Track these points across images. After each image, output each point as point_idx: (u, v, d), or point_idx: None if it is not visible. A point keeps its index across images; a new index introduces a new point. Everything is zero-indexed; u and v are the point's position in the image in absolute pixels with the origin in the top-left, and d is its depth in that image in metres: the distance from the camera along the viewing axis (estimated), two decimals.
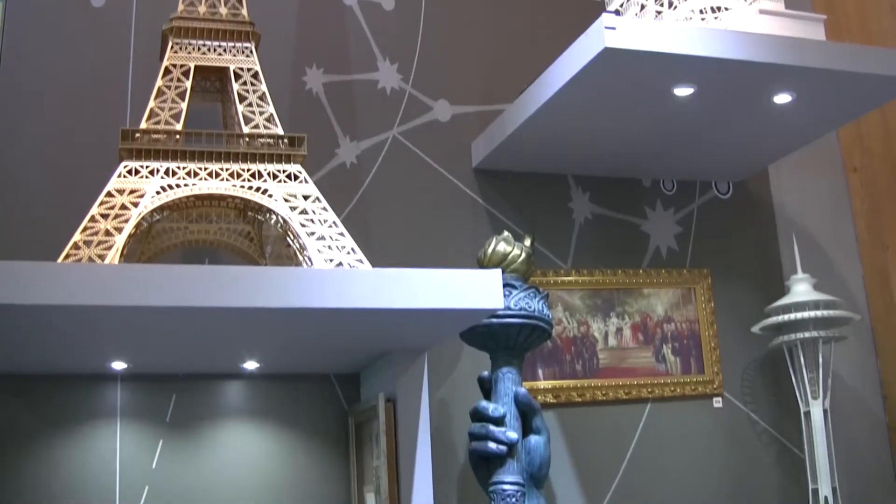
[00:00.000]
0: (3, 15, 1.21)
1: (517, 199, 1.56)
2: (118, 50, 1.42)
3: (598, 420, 1.51)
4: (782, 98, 1.33)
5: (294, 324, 0.99)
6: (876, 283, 1.73)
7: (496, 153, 1.48)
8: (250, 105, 1.24)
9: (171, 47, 1.24)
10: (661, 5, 1.35)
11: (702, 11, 1.31)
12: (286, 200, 1.18)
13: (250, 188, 1.18)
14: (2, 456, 1.22)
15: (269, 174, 1.20)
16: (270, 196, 1.18)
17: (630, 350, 1.55)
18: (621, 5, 1.41)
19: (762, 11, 1.28)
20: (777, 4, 1.30)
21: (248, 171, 1.19)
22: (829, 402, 1.47)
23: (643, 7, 1.37)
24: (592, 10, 1.40)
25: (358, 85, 1.53)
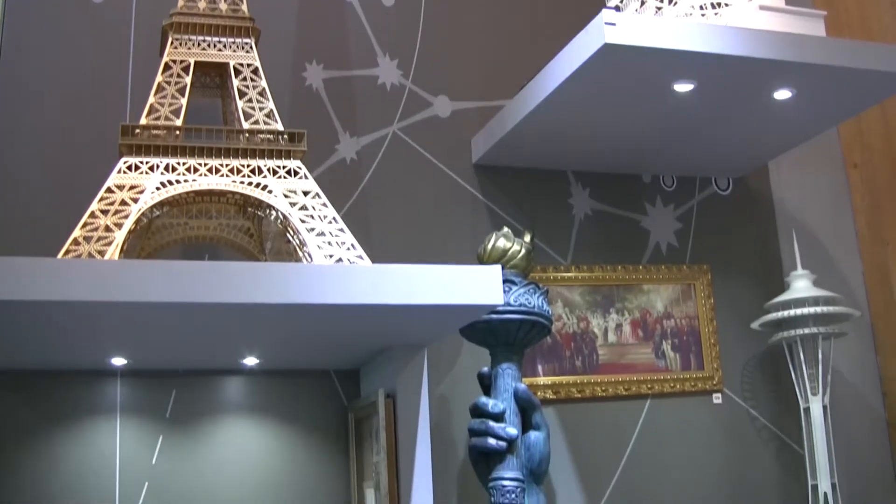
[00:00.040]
0: (3, 11, 1.21)
1: (517, 195, 1.56)
2: (118, 46, 1.41)
3: (597, 416, 1.51)
4: (782, 94, 1.33)
5: (294, 320, 0.99)
6: (876, 280, 1.73)
7: (496, 149, 1.48)
8: (250, 101, 1.23)
9: (171, 43, 1.24)
10: (661, 1, 1.35)
11: (702, 7, 1.31)
12: (286, 196, 1.18)
13: (250, 184, 1.18)
14: (1, 452, 1.21)
15: (268, 170, 1.20)
16: (270, 192, 1.18)
17: (630, 346, 1.55)
18: (621, 1, 1.41)
19: (762, 7, 1.28)
20: (777, 0, 1.30)
21: (248, 166, 1.19)
22: (829, 398, 1.47)
23: (643, 3, 1.37)
24: (592, 5, 1.40)
25: (358, 81, 1.53)
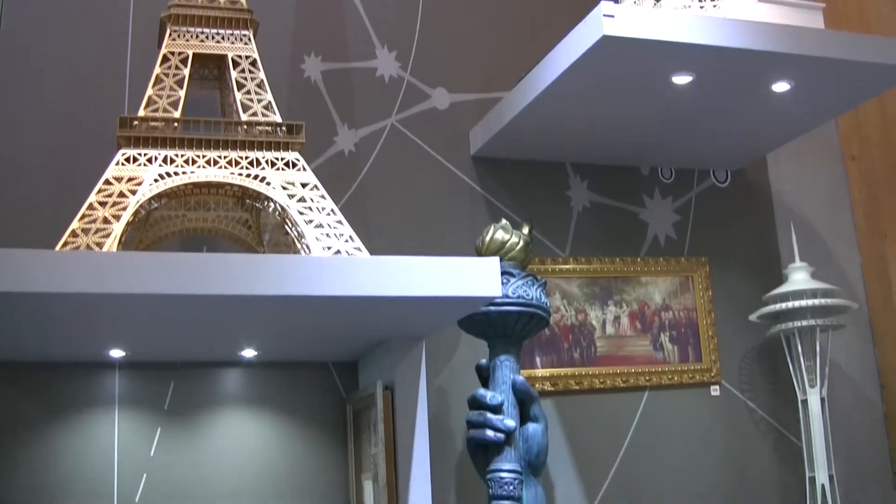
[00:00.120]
0: (1, 2, 1.20)
1: (515, 187, 1.56)
2: (116, 38, 1.41)
3: (595, 408, 1.51)
4: (781, 86, 1.33)
5: (292, 311, 1.00)
6: (874, 272, 1.73)
7: (494, 141, 1.48)
8: (248, 93, 1.23)
9: (169, 35, 1.24)
10: None
11: None
12: (284, 188, 1.18)
13: (248, 176, 1.18)
14: None
15: (267, 162, 1.19)
16: (268, 184, 1.18)
17: (628, 338, 1.56)
18: None
19: None
20: None
21: (246, 158, 1.19)
22: (827, 390, 1.47)
23: None
24: None
25: (356, 73, 1.53)
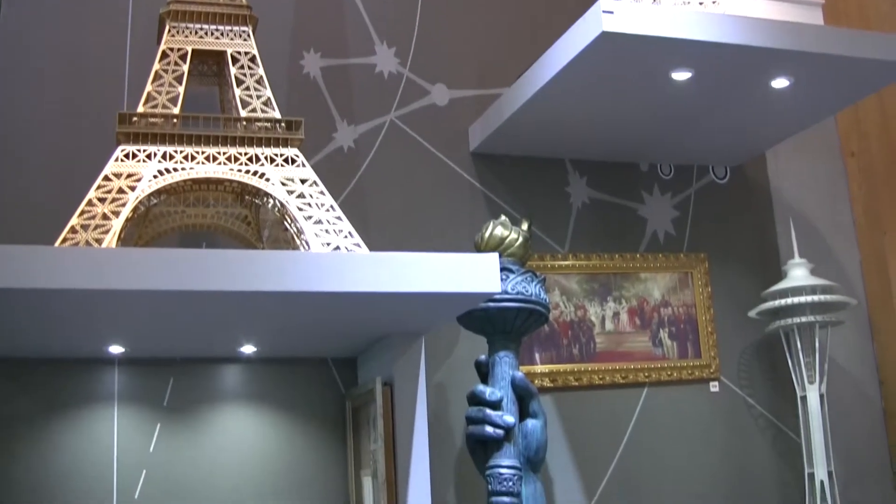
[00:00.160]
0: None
1: (514, 184, 1.56)
2: (115, 34, 1.41)
3: (594, 404, 1.51)
4: (780, 83, 1.33)
5: (291, 308, 1.00)
6: (873, 268, 1.73)
7: (493, 137, 1.48)
8: (248, 89, 1.23)
9: (169, 31, 1.24)
10: None
11: None
12: (283, 184, 1.18)
13: (247, 172, 1.18)
14: None
15: (266, 158, 1.19)
16: (268, 180, 1.18)
17: (627, 334, 1.56)
18: None
19: None
20: None
21: (246, 154, 1.19)
22: (826, 386, 1.47)
23: None
24: None
25: (355, 69, 1.53)
